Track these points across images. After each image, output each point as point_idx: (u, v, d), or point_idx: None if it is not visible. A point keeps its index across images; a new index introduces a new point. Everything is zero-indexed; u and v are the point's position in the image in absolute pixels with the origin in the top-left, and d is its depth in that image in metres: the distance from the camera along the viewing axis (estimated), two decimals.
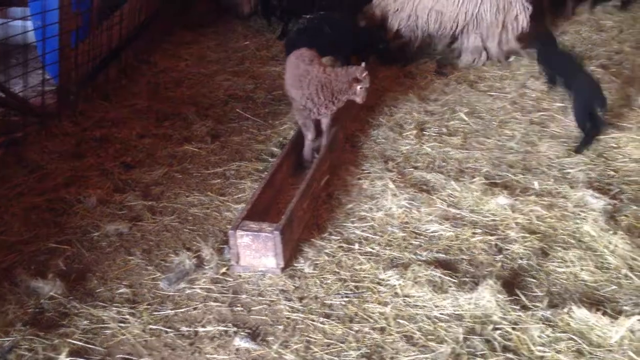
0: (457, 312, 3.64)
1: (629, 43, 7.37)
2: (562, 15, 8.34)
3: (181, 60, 7.55)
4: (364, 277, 3.98)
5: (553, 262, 4.02)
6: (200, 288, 3.92)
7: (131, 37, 7.21)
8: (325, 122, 5.17)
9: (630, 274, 3.87)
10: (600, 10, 8.50)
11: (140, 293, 3.93)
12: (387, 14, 7.20)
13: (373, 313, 3.69)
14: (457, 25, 6.96)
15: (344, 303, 3.77)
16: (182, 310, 3.76)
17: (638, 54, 6.89)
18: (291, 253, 4.15)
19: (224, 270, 4.05)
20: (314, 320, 3.64)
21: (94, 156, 5.42)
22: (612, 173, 4.94)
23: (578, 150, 5.22)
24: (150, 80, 6.95)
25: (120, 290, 3.94)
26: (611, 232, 4.18)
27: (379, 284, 3.91)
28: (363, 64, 4.97)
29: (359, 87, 4.87)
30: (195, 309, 3.77)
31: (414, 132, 5.66)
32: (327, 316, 3.68)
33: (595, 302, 3.68)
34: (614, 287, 3.80)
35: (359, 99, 4.94)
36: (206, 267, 4.08)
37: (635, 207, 4.48)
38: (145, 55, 7.50)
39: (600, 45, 7.38)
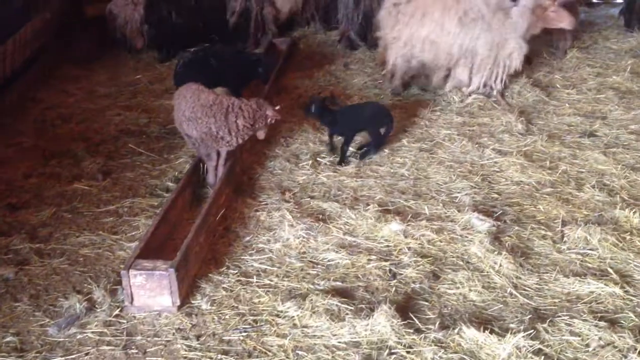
0: (354, 340, 3.70)
1: None
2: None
3: (69, 96, 7.34)
4: (263, 310, 3.98)
5: (444, 284, 4.17)
6: (92, 332, 3.80)
7: (15, 74, 6.94)
8: (222, 155, 5.17)
9: (515, 292, 4.07)
10: None
11: (28, 341, 3.77)
12: (387, 42, 7.16)
13: (272, 346, 3.69)
14: (452, 57, 6.85)
15: (242, 338, 3.75)
16: (73, 356, 3.63)
17: (515, 81, 7.29)
18: (187, 290, 4.09)
19: (117, 312, 3.94)
20: (211, 358, 3.60)
21: None
22: (495, 196, 5.19)
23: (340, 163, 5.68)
24: (37, 118, 6.72)
25: (7, 339, 3.76)
26: (496, 252, 4.39)
27: (277, 316, 3.92)
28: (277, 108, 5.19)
29: (269, 120, 5.04)
30: (87, 354, 3.65)
31: (310, 162, 5.74)
32: (226, 352, 3.65)
33: (483, 321, 3.84)
34: (501, 305, 3.98)
35: (261, 136, 5.16)
36: (98, 310, 3.96)
37: (517, 228, 4.73)
38: (31, 92, 7.23)
39: None
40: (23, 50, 7.12)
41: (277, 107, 5.15)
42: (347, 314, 3.87)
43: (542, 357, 3.54)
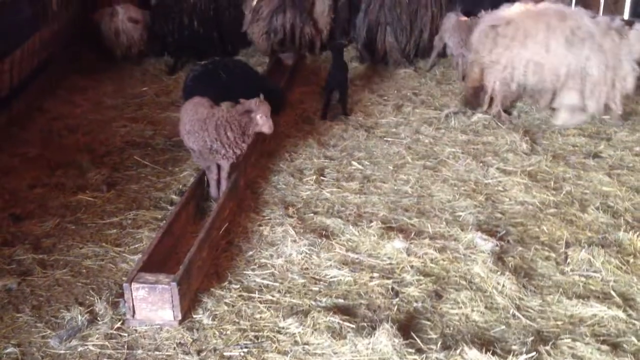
0: (355, 358, 3.69)
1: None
2: None
3: (76, 107, 7.37)
4: (264, 326, 3.97)
5: (446, 303, 4.16)
6: (93, 345, 3.79)
7: (23, 84, 6.98)
8: (225, 169, 5.18)
9: (517, 314, 4.06)
10: None
11: (29, 352, 3.76)
12: (483, 67, 6.89)
13: None
14: (559, 79, 6.57)
15: (243, 354, 3.74)
16: None
17: (521, 100, 7.32)
18: (189, 304, 4.09)
19: (118, 324, 3.94)
20: None
21: None
22: (499, 215, 5.19)
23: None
24: (43, 128, 6.73)
25: (8, 350, 3.75)
26: (499, 272, 4.38)
27: (278, 332, 3.91)
28: (261, 96, 5.04)
29: (257, 116, 4.94)
30: None
31: (314, 177, 5.75)
32: None
33: (485, 342, 3.82)
34: (503, 326, 3.97)
35: (265, 129, 5.00)
36: (100, 323, 3.95)
37: (520, 248, 4.72)
38: (38, 102, 7.27)
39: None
40: (31, 60, 7.16)
41: (260, 98, 5.04)
42: (348, 332, 3.86)
43: None
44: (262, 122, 4.99)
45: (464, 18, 8.08)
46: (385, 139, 6.58)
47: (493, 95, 6.89)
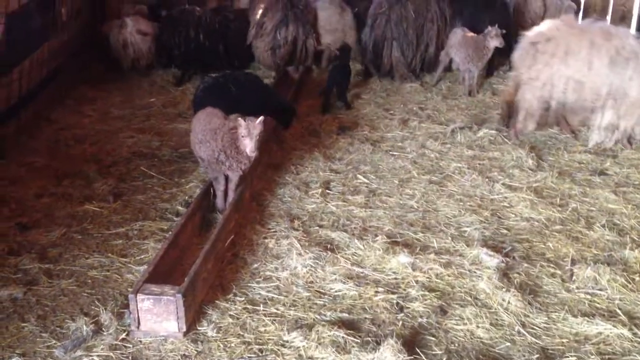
0: None
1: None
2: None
3: (84, 117, 7.43)
4: (269, 339, 3.96)
5: (451, 319, 4.15)
6: (98, 355, 3.78)
7: (31, 93, 7.03)
8: (233, 181, 5.20)
9: (522, 331, 4.04)
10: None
11: None
12: (521, 83, 6.82)
13: None
14: (599, 98, 6.43)
15: None
16: None
17: None
18: (194, 316, 4.09)
19: (123, 335, 3.94)
20: None
21: None
22: (505, 231, 5.19)
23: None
24: (51, 138, 6.78)
25: None
26: (504, 289, 4.37)
27: (283, 345, 3.90)
28: (261, 118, 4.85)
29: (241, 136, 4.81)
30: None
31: (320, 190, 5.76)
32: None
33: (490, 359, 3.81)
34: (508, 343, 3.95)
35: (247, 150, 4.83)
36: (105, 333, 3.96)
37: (526, 265, 4.71)
38: (46, 111, 7.32)
39: (494, 109, 7.80)
40: (40, 70, 7.21)
41: (255, 118, 4.85)
42: (353, 346, 3.85)
43: None
44: (245, 143, 4.82)
45: (470, 34, 8.12)
46: (391, 153, 6.59)
47: (530, 111, 6.78)
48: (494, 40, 7.82)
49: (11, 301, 4.26)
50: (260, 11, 8.80)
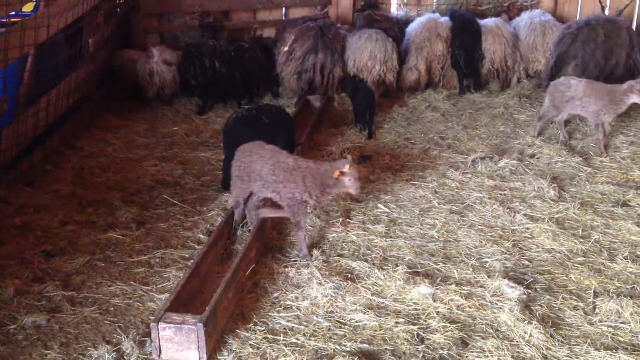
0: None
1: (542, 137, 7.80)
2: None
3: (109, 145, 7.55)
4: None
5: (472, 352, 4.12)
6: None
7: (58, 122, 7.17)
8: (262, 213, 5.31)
9: None
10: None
11: None
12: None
13: None
14: None
15: None
16: None
17: (548, 146, 7.31)
18: (215, 345, 4.11)
19: None
20: None
21: (13, 244, 5.30)
22: (526, 263, 5.16)
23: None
24: (76, 166, 6.90)
25: None
26: (526, 322, 4.33)
27: None
28: (349, 158, 5.24)
29: (347, 178, 4.99)
30: None
31: (340, 219, 5.78)
32: None
33: None
34: None
35: (352, 190, 5.08)
36: None
37: (548, 297, 4.67)
38: (72, 140, 7.46)
39: (514, 139, 7.79)
40: (67, 99, 7.37)
41: (349, 158, 5.32)
42: None
43: None
44: (350, 184, 5.03)
45: (597, 83, 7.44)
46: (411, 182, 6.60)
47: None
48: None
49: (35, 328, 4.31)
50: (290, 41, 8.93)
